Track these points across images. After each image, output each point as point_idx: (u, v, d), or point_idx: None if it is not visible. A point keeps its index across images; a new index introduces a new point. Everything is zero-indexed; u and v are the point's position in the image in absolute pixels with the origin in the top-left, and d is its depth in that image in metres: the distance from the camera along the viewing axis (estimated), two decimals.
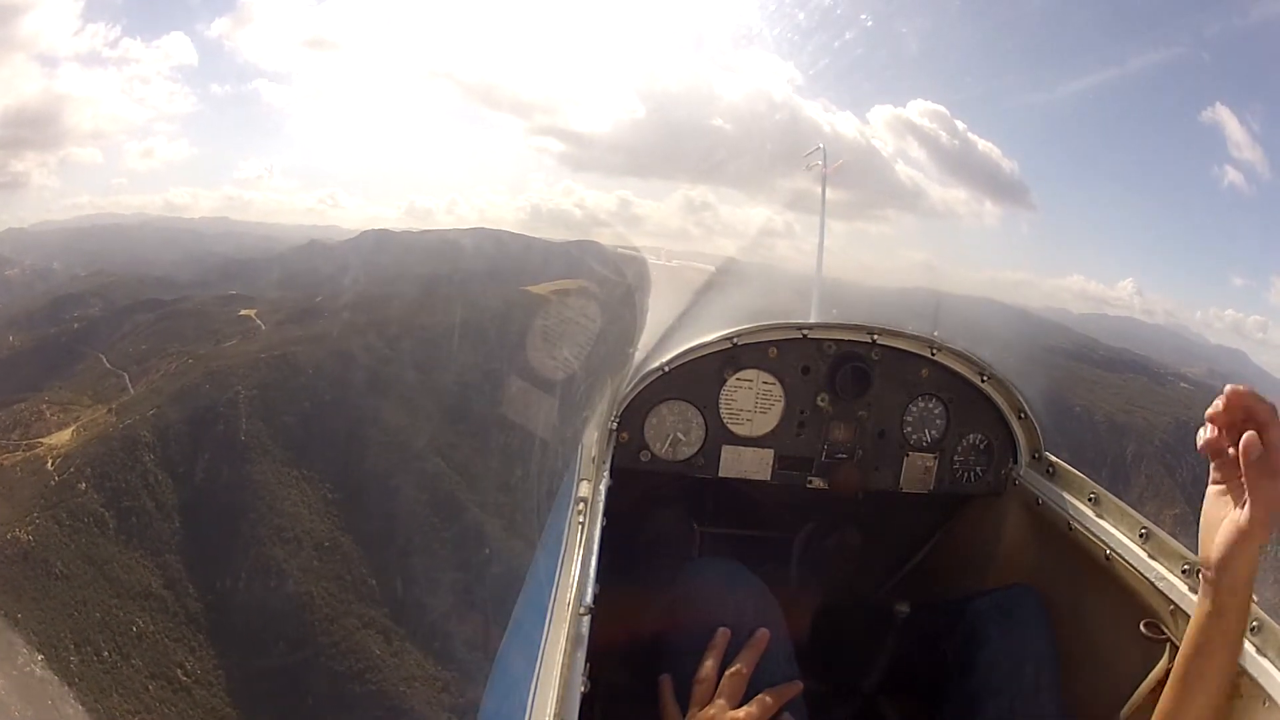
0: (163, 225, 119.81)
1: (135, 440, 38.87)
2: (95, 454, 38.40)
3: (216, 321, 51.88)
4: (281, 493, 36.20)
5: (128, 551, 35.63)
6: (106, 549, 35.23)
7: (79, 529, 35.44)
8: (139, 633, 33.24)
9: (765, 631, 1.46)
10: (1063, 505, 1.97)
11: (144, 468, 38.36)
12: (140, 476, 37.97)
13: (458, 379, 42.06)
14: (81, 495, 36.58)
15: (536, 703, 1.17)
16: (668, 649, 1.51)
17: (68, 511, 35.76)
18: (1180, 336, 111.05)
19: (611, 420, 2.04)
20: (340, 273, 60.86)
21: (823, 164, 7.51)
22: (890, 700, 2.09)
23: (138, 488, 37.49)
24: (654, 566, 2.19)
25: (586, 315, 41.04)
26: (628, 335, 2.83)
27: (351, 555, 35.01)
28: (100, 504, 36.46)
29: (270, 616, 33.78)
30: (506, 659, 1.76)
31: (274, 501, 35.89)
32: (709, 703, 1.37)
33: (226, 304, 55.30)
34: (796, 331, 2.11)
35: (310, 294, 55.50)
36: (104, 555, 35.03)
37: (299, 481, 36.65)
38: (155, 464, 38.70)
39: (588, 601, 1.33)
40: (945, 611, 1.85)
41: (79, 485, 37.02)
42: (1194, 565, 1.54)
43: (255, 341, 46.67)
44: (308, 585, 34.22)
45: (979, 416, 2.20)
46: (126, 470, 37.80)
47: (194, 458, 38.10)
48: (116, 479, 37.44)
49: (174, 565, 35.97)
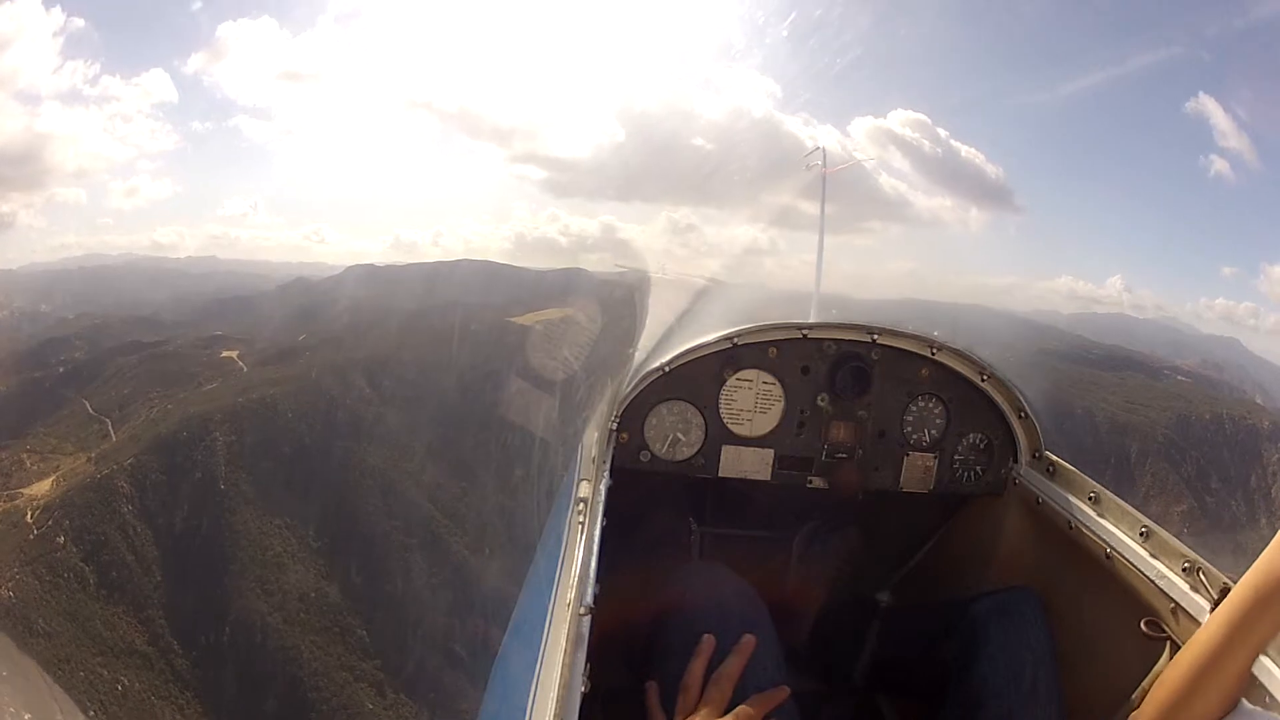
0: (150, 265, 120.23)
1: (113, 490, 37.95)
2: (75, 505, 37.34)
3: (197, 364, 50.96)
4: (263, 542, 35.02)
5: (109, 607, 34.56)
6: (88, 605, 34.20)
7: (59, 584, 34.40)
8: (124, 691, 32.15)
9: (751, 637, 1.45)
10: (1063, 504, 1.97)
11: (123, 519, 37.53)
12: (119, 529, 37.14)
13: (443, 416, 41.01)
14: (61, 549, 35.59)
15: (537, 703, 1.17)
16: (655, 655, 1.52)
17: (47, 566, 34.75)
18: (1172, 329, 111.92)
19: (611, 420, 2.04)
20: (325, 310, 60.02)
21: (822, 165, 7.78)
22: (890, 700, 2.11)
23: (117, 540, 36.58)
24: (654, 567, 2.00)
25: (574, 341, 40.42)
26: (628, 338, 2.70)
27: (338, 605, 33.76)
28: (79, 558, 35.41)
29: (258, 672, 32.64)
30: (507, 659, 1.74)
31: (255, 552, 34.71)
32: (694, 709, 1.37)
33: (209, 345, 54.44)
34: (796, 331, 2.11)
35: (294, 333, 54.64)
36: (86, 612, 33.97)
37: (281, 530, 35.45)
38: (134, 515, 37.81)
39: (588, 601, 1.31)
40: (945, 611, 1.84)
41: (58, 539, 36.16)
42: (1194, 564, 1.56)
43: (236, 383, 45.65)
44: (294, 638, 33.01)
45: (979, 416, 2.20)
46: (105, 522, 36.84)
47: (173, 508, 37.03)
48: (96, 531, 36.44)
49: (157, 621, 35.15)
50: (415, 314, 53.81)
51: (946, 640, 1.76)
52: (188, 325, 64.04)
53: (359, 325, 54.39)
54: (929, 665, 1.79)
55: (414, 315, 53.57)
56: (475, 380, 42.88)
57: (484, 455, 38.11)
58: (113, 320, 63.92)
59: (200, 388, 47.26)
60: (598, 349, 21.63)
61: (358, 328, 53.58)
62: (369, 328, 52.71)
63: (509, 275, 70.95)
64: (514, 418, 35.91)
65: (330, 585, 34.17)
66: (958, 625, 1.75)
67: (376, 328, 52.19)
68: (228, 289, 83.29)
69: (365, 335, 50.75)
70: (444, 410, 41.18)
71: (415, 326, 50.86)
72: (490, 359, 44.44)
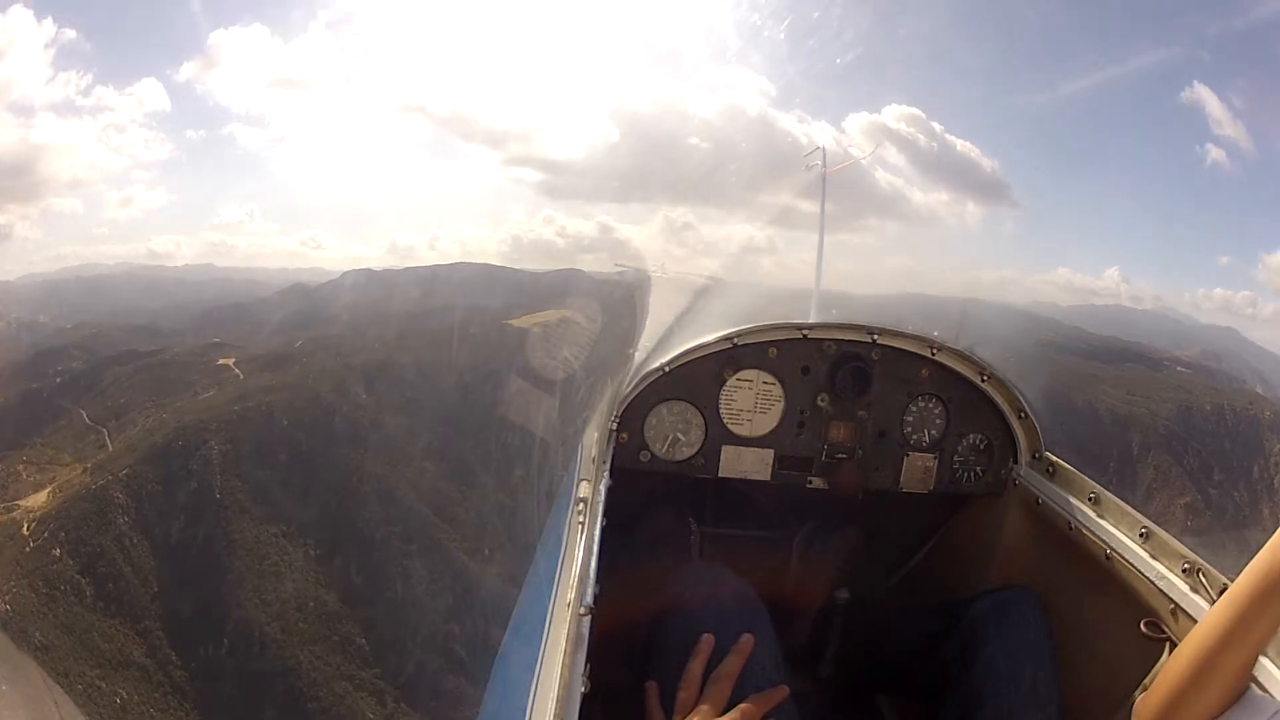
0: (147, 274, 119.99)
1: (109, 501, 37.61)
2: (71, 516, 36.98)
3: (194, 372, 50.67)
4: (260, 551, 34.52)
5: (106, 620, 34.20)
6: (85, 617, 33.87)
7: (56, 597, 34.05)
8: (124, 704, 31.84)
9: (749, 637, 1.46)
10: (1063, 505, 1.96)
11: (119, 530, 37.25)
12: (115, 540, 36.81)
13: (441, 419, 40.49)
14: (57, 561, 35.24)
15: (537, 703, 1.17)
16: (654, 655, 1.52)
17: (44, 578, 34.41)
18: (1170, 319, 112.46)
19: (611, 420, 2.04)
20: (322, 315, 59.58)
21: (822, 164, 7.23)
22: (890, 700, 2.10)
23: (113, 552, 36.22)
24: (654, 567, 1.94)
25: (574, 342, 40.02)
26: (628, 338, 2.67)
27: (337, 614, 33.22)
28: (76, 570, 35.08)
29: (257, 684, 32.18)
30: (507, 659, 1.74)
31: (252, 561, 34.21)
32: (693, 709, 1.37)
33: (205, 353, 54.13)
34: (796, 332, 2.12)
35: (291, 339, 54.21)
36: (83, 624, 33.65)
37: (277, 539, 34.92)
38: (130, 526, 37.53)
39: (588, 601, 1.32)
40: (945, 611, 1.84)
41: (54, 551, 35.81)
42: (1194, 565, 1.56)
43: (232, 391, 45.21)
44: (293, 649, 32.56)
45: (979, 416, 2.20)
46: (101, 534, 36.50)
47: (169, 518, 36.64)
48: (92, 543, 36.08)
49: (155, 632, 34.84)
50: (413, 317, 53.26)
51: (946, 640, 1.76)
52: (185, 333, 63.84)
53: (356, 330, 53.87)
54: (929, 665, 1.79)
55: (411, 319, 53.02)
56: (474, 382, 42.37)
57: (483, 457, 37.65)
58: (109, 329, 63.76)
59: (197, 396, 46.92)
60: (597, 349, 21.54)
61: (355, 332, 53.07)
62: (366, 332, 52.17)
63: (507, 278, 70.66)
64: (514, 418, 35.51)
65: (328, 593, 33.67)
66: (958, 625, 1.74)
67: (374, 332, 51.64)
68: (225, 296, 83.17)
69: (362, 340, 50.21)
70: (442, 414, 40.64)
71: (413, 330, 50.30)
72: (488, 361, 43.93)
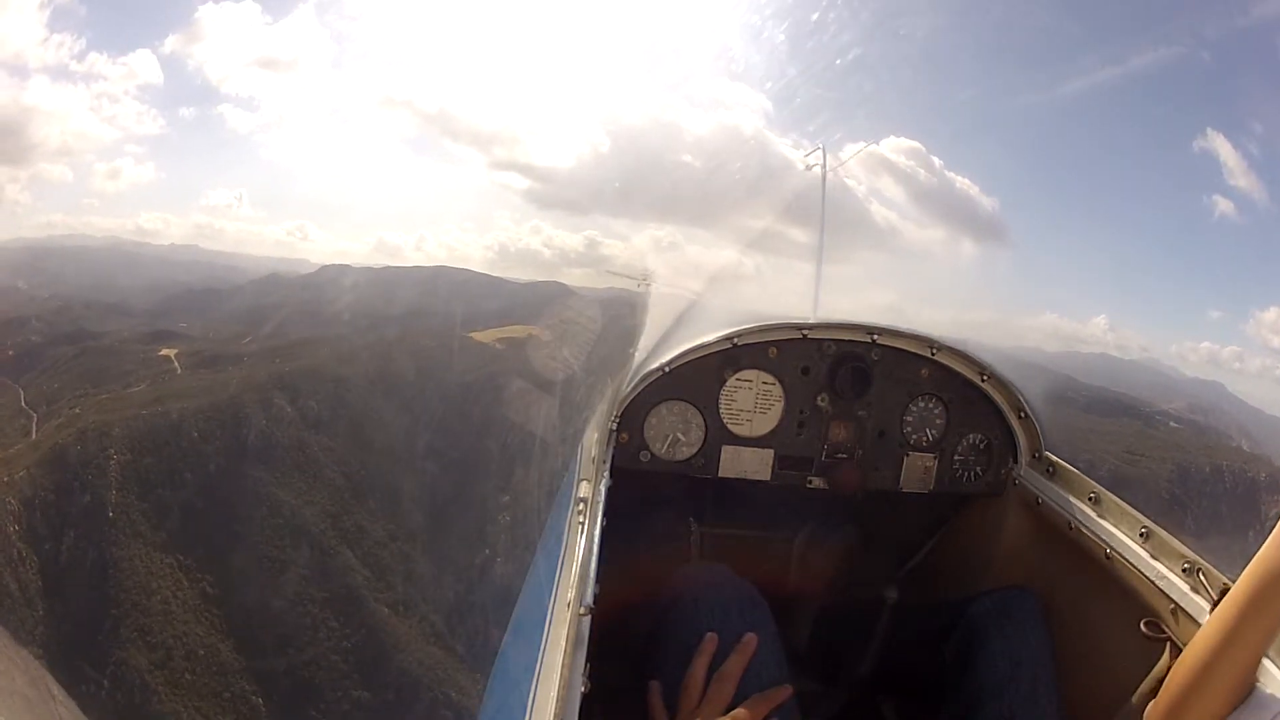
0: (132, 250, 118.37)
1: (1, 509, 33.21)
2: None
3: (132, 361, 46.31)
4: (150, 584, 29.72)
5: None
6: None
7: None
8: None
9: (753, 636, 1.46)
10: (1063, 505, 1.97)
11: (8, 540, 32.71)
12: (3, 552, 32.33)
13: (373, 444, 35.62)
14: None
15: (537, 703, 1.17)
16: (656, 654, 1.52)
17: None
18: (1155, 371, 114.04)
19: (611, 420, 2.03)
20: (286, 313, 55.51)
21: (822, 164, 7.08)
22: (890, 700, 2.11)
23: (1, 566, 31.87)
24: (654, 567, 1.93)
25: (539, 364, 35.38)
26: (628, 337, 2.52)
27: (230, 666, 28.32)
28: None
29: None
30: (506, 659, 1.77)
31: (140, 596, 29.41)
32: (696, 708, 1.38)
33: (150, 341, 49.90)
34: (796, 331, 2.10)
35: (243, 334, 49.85)
36: None
37: (172, 570, 30.10)
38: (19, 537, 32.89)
39: (588, 602, 1.32)
40: (945, 611, 1.84)
41: None
42: (1195, 565, 1.57)
43: (160, 388, 40.76)
44: (174, 703, 27.69)
45: (979, 416, 2.20)
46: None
47: (60, 534, 31.90)
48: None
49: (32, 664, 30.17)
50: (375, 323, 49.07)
51: (946, 640, 1.75)
52: (145, 315, 60.97)
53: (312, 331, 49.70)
54: (929, 665, 1.79)
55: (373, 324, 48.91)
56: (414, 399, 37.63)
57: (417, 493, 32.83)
58: (75, 304, 60.94)
59: (125, 389, 42.53)
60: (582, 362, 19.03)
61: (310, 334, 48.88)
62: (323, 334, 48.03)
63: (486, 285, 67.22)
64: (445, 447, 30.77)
65: (223, 641, 28.76)
66: (958, 625, 1.74)
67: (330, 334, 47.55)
68: (201, 281, 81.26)
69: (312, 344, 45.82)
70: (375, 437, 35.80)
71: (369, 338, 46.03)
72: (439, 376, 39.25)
